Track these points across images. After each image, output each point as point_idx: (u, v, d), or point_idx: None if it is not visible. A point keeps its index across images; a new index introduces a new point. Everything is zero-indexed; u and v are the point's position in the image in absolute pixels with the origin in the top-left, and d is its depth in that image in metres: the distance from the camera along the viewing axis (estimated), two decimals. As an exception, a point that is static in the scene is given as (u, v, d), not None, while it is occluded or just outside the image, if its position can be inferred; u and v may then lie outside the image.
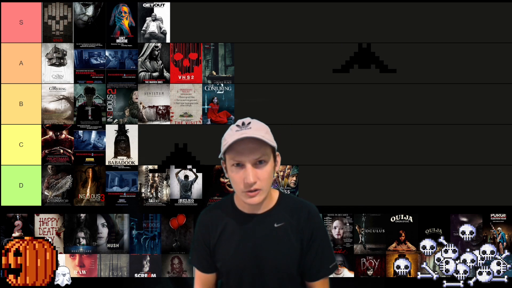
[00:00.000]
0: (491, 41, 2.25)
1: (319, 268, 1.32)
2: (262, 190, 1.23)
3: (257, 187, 1.22)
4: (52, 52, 2.28)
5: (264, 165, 1.23)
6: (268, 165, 1.24)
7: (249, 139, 1.20)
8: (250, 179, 1.20)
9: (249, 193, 1.22)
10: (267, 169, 1.23)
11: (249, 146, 1.21)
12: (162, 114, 2.28)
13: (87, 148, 2.28)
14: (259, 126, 1.25)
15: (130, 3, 2.29)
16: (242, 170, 1.22)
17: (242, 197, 1.26)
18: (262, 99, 2.26)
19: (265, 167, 1.23)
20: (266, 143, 1.22)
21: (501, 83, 2.25)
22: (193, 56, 2.28)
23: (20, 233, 2.26)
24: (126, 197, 2.27)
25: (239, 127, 1.24)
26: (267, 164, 1.23)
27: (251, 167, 1.21)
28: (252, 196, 1.23)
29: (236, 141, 1.20)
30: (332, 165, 2.25)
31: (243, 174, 1.21)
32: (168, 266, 2.27)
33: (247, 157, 1.21)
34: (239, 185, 1.23)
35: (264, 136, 1.21)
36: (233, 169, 1.23)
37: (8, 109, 2.27)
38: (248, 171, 1.20)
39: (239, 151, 1.21)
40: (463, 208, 2.25)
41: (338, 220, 2.27)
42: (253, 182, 1.20)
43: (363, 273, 2.26)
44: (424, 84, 2.25)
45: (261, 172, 1.22)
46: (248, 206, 1.30)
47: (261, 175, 1.22)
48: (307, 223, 1.31)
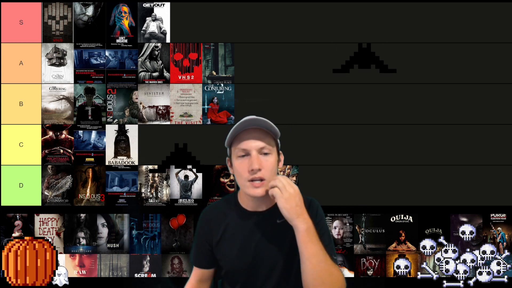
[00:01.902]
0: (491, 41, 2.25)
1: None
2: (265, 181, 1.25)
3: (261, 176, 1.24)
4: (52, 52, 2.28)
5: (268, 157, 1.26)
6: (272, 157, 1.27)
7: (253, 128, 1.26)
8: (255, 165, 1.23)
9: (253, 182, 1.24)
10: (271, 161, 1.27)
11: (254, 134, 1.26)
12: (162, 114, 2.28)
13: (87, 148, 2.28)
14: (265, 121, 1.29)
15: (130, 3, 2.29)
16: (247, 159, 1.25)
17: (245, 188, 1.27)
18: (262, 99, 2.26)
19: (270, 159, 1.27)
20: (271, 135, 1.27)
21: (501, 83, 2.25)
22: (193, 56, 2.28)
23: (20, 233, 2.26)
24: (126, 197, 2.27)
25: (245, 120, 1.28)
26: (271, 156, 1.27)
27: (257, 154, 1.25)
28: (256, 186, 1.24)
29: (242, 130, 1.26)
30: (332, 165, 2.25)
31: (248, 162, 1.24)
32: (168, 266, 2.27)
33: (252, 144, 1.25)
34: (243, 174, 1.26)
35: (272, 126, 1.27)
36: (239, 159, 1.27)
37: (8, 109, 2.27)
38: (254, 158, 1.24)
39: (245, 139, 1.26)
40: (463, 208, 2.25)
41: (338, 220, 2.27)
42: (257, 168, 1.23)
43: (363, 273, 2.26)
44: (424, 84, 2.25)
45: (265, 162, 1.25)
46: (252, 203, 1.31)
47: (265, 164, 1.25)
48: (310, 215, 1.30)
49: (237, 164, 1.27)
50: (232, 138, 1.29)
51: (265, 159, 1.25)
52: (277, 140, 1.32)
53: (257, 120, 1.27)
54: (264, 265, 1.30)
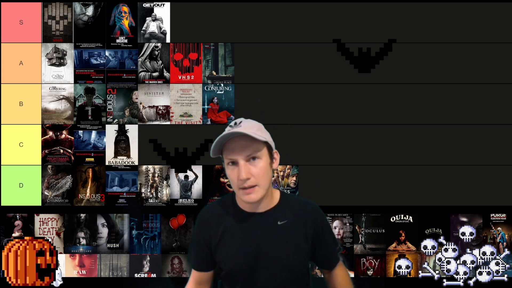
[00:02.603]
0: (491, 41, 2.25)
1: (333, 256, 1.42)
2: (258, 186, 1.23)
3: (252, 184, 1.22)
4: (52, 52, 2.28)
5: (257, 162, 1.24)
6: (262, 161, 1.24)
7: (239, 136, 1.22)
8: (243, 175, 1.21)
9: (244, 190, 1.23)
10: (261, 165, 1.24)
11: (240, 143, 1.22)
12: (162, 114, 2.28)
13: (87, 148, 2.28)
14: (250, 124, 1.26)
15: (130, 3, 2.29)
16: (236, 167, 1.23)
17: (239, 194, 1.27)
18: (262, 99, 2.26)
19: (259, 164, 1.24)
20: (257, 139, 1.23)
21: (501, 83, 2.25)
22: (193, 56, 2.28)
23: (20, 233, 2.26)
24: (126, 197, 2.27)
25: (231, 127, 1.26)
26: (261, 160, 1.24)
27: (244, 163, 1.22)
28: (248, 193, 1.23)
29: (226, 139, 1.23)
30: (332, 165, 2.25)
31: (237, 171, 1.23)
32: (168, 266, 2.27)
33: (238, 154, 1.22)
34: (235, 183, 1.25)
35: (254, 133, 1.22)
36: (229, 167, 1.26)
37: (8, 109, 2.27)
38: (241, 167, 1.22)
39: (231, 149, 1.23)
40: (463, 208, 2.25)
41: (338, 220, 2.27)
42: (245, 178, 1.21)
43: (363, 273, 2.26)
44: (424, 84, 2.25)
45: (255, 169, 1.23)
46: (249, 204, 1.30)
47: (255, 171, 1.23)
48: (312, 219, 1.33)
49: (228, 172, 1.26)
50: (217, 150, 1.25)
51: (254, 167, 1.23)
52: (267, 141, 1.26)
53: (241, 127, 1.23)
54: (263, 265, 1.29)
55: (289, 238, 1.30)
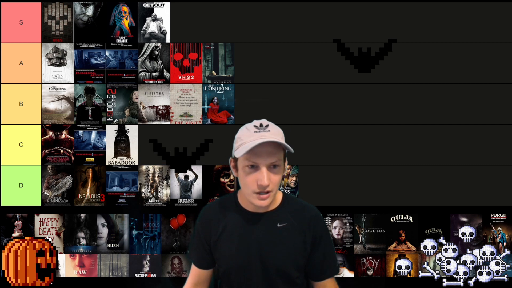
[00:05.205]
0: (491, 41, 2.25)
1: (325, 269, 1.35)
2: (272, 192, 1.24)
3: (269, 190, 1.23)
4: (52, 52, 2.28)
5: (277, 169, 1.24)
6: (280, 169, 1.25)
7: (267, 142, 1.21)
8: (265, 181, 1.20)
9: (260, 195, 1.23)
10: (279, 173, 1.25)
11: (267, 149, 1.21)
12: (162, 114, 2.28)
13: (87, 148, 2.28)
14: (277, 130, 1.27)
15: (130, 3, 2.29)
16: (256, 172, 1.22)
17: (251, 198, 1.26)
18: (262, 99, 2.26)
19: (279, 172, 1.24)
20: (282, 148, 1.24)
21: (501, 83, 2.25)
22: (193, 56, 2.28)
23: (20, 233, 2.26)
24: (126, 197, 2.27)
25: (257, 128, 1.24)
26: (280, 169, 1.25)
27: (266, 170, 1.22)
28: (263, 198, 1.23)
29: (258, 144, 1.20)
30: (332, 165, 2.25)
31: (256, 176, 1.22)
32: (168, 266, 2.27)
33: (264, 160, 1.21)
34: (251, 186, 1.24)
35: (282, 142, 1.23)
36: (246, 169, 1.24)
37: (8, 109, 2.27)
38: (264, 173, 1.21)
39: (257, 153, 1.21)
40: (463, 208, 2.25)
41: (338, 220, 2.27)
42: (267, 184, 1.21)
43: (363, 273, 2.26)
44: (424, 84, 2.25)
45: (274, 176, 1.23)
46: (252, 205, 1.30)
47: (274, 179, 1.23)
48: (312, 226, 1.32)
49: (244, 174, 1.25)
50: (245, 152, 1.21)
51: (274, 173, 1.23)
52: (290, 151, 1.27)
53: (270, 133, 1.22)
54: (262, 266, 1.29)
55: (287, 241, 1.30)
